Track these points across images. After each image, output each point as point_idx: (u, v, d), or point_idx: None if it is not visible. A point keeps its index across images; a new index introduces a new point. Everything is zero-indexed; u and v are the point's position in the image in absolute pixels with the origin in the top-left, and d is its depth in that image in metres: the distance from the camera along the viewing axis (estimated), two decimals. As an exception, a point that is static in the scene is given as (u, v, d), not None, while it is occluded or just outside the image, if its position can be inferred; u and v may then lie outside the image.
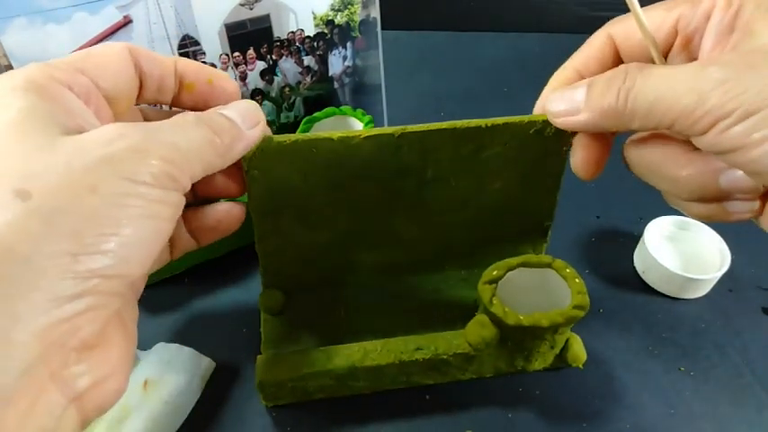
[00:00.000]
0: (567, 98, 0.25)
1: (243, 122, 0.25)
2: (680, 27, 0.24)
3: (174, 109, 0.28)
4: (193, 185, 0.27)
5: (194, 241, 0.29)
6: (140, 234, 0.19)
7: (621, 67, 0.22)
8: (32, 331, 0.16)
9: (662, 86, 0.21)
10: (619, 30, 0.27)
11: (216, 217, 0.28)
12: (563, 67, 0.28)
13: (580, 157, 0.27)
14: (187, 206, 0.28)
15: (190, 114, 0.23)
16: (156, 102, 0.27)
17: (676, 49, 0.25)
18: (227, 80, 0.27)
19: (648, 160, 0.24)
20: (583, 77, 0.27)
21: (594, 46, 0.27)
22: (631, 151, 0.24)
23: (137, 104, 0.26)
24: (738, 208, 0.23)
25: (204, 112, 0.24)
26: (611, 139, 0.27)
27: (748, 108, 0.19)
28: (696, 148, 0.22)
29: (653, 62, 0.25)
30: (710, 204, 0.23)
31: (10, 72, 0.21)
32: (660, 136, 0.23)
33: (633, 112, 0.22)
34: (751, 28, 0.22)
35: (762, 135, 0.19)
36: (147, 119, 0.29)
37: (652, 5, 0.25)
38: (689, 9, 0.24)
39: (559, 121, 0.26)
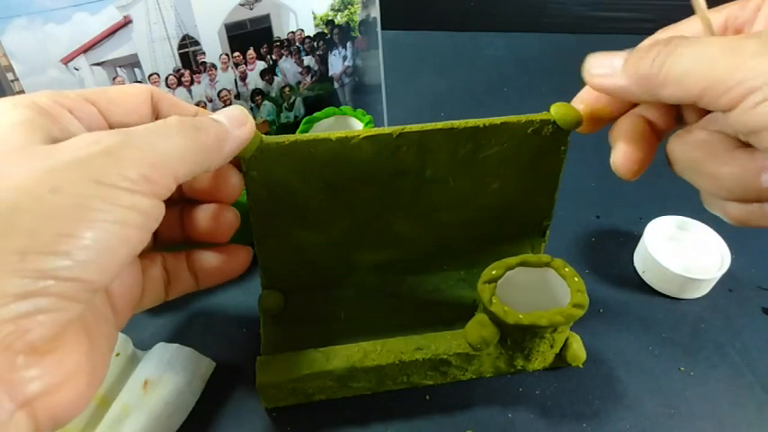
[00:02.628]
0: (607, 62, 0.24)
1: (229, 123, 0.25)
2: (729, 23, 0.24)
3: None
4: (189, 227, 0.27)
5: (194, 282, 0.29)
6: (103, 239, 0.18)
7: (667, 37, 0.22)
8: None
9: (698, 53, 0.20)
10: (667, 35, 0.26)
11: (218, 259, 0.29)
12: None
13: (622, 154, 0.26)
14: (191, 246, 0.29)
15: (172, 118, 0.22)
16: None
17: None
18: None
19: (692, 156, 0.23)
20: None
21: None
22: (675, 145, 0.24)
23: None
24: None
25: (188, 117, 0.23)
26: (656, 143, 0.26)
27: None
28: (741, 145, 0.21)
29: None
30: (750, 206, 0.22)
31: (21, 95, 0.21)
32: (705, 130, 0.23)
33: (666, 77, 0.21)
34: None
35: None
36: None
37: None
38: (738, 8, 0.24)
39: (595, 81, 0.25)
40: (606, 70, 0.24)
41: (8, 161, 0.18)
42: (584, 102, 0.28)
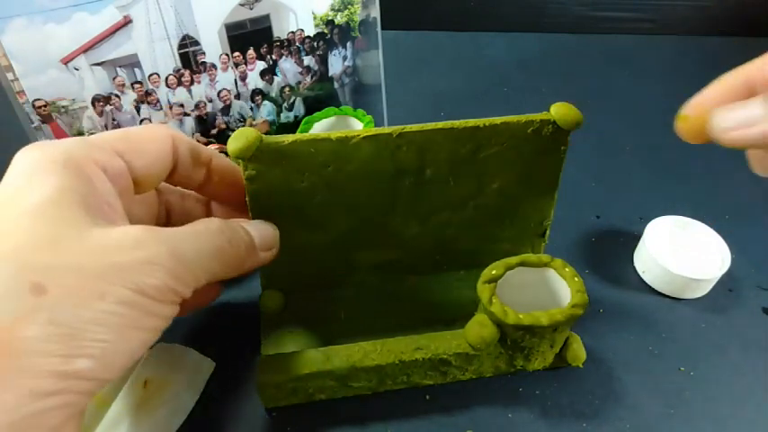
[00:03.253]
0: (738, 113, 0.21)
1: (260, 243, 0.27)
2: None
3: (192, 193, 0.30)
4: None
5: None
6: (128, 343, 0.20)
7: None
8: (3, 423, 0.17)
9: None
10: None
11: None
12: (732, 72, 0.24)
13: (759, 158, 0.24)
14: None
15: (214, 223, 0.24)
16: (179, 185, 0.28)
17: None
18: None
19: None
20: (752, 89, 0.23)
21: None
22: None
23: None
24: None
25: (228, 223, 0.25)
26: None
27: None
28: None
29: None
30: None
31: (53, 142, 0.22)
32: None
33: None
34: None
35: None
36: (163, 197, 0.30)
37: None
38: None
39: (731, 136, 0.22)
40: (743, 120, 0.21)
41: (58, 252, 0.19)
42: (697, 109, 0.24)
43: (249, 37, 0.40)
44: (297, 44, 0.42)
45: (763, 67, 0.23)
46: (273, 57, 0.41)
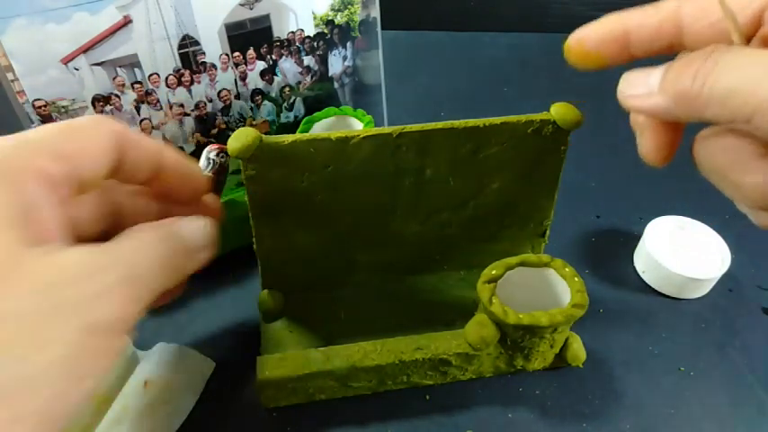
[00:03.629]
0: (642, 80, 0.22)
1: (190, 245, 0.24)
2: (766, 17, 0.21)
3: (143, 189, 0.27)
4: None
5: None
6: (71, 397, 0.17)
7: (708, 47, 0.20)
8: None
9: (743, 71, 0.18)
10: (691, 8, 0.23)
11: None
12: (617, 15, 0.24)
13: (650, 141, 0.24)
14: None
15: (153, 231, 0.22)
16: (126, 182, 0.25)
17: (757, 41, 0.22)
18: (200, 177, 0.27)
19: (716, 162, 0.21)
20: (628, 37, 0.24)
21: (658, 13, 0.23)
22: (700, 148, 0.22)
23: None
24: None
25: (164, 228, 0.22)
26: (683, 125, 0.24)
27: None
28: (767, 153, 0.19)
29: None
30: None
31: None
32: (732, 135, 0.20)
33: (708, 98, 0.19)
34: None
35: None
36: (110, 196, 0.27)
37: None
38: None
39: (630, 103, 0.22)
40: (642, 90, 0.22)
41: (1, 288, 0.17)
42: (578, 42, 0.24)
43: (249, 37, 0.40)
44: (297, 44, 0.42)
45: (642, 23, 0.23)
46: (273, 57, 0.41)
